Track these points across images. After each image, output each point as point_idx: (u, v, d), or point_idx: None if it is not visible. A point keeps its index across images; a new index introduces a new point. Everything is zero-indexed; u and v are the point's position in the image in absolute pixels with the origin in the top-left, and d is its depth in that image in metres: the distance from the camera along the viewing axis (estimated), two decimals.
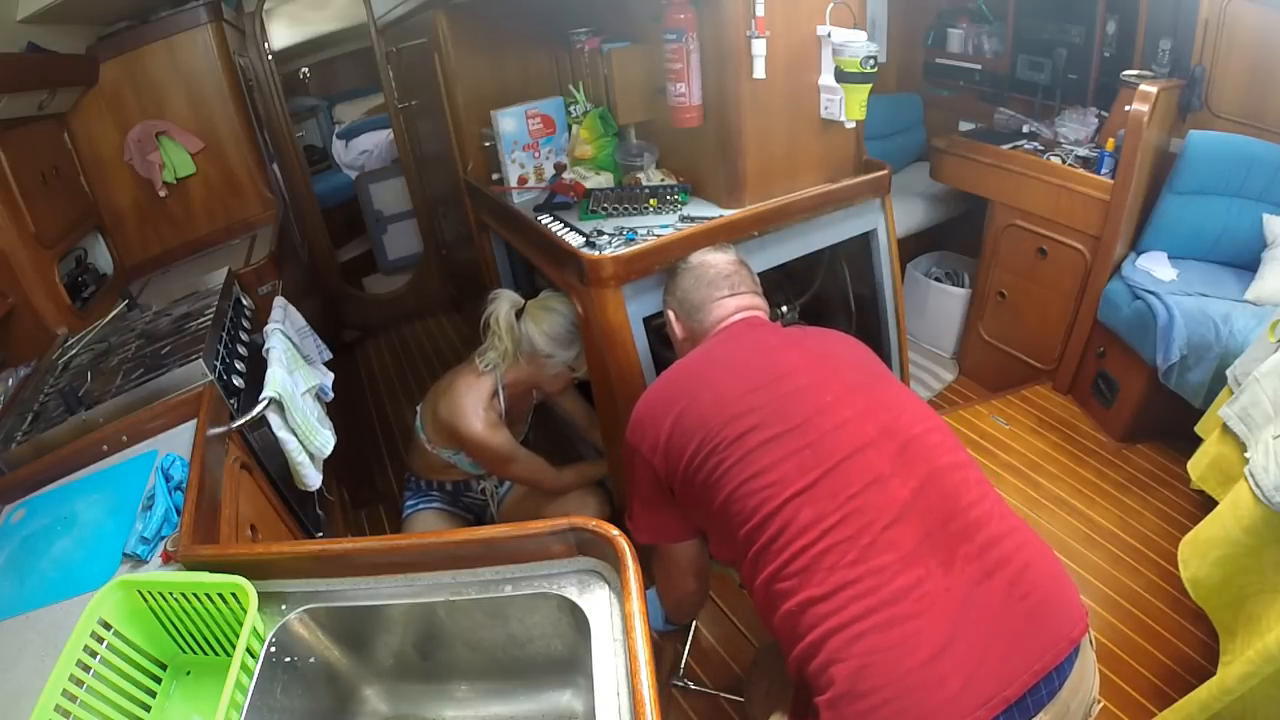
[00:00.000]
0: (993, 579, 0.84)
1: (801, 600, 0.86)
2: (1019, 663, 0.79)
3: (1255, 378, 1.36)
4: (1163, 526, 1.88)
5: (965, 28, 2.81)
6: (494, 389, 1.60)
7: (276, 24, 3.75)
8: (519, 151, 1.84)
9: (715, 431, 0.99)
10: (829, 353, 1.12)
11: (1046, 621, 0.83)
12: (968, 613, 0.81)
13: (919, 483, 0.91)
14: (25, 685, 0.85)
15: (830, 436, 0.95)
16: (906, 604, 0.81)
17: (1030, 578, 0.85)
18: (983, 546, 0.86)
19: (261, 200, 2.46)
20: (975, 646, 0.79)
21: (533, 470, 1.67)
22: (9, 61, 1.68)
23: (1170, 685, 1.48)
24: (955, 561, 0.85)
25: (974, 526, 0.88)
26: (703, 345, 1.21)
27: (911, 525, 0.87)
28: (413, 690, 0.98)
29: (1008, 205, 2.35)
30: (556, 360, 1.58)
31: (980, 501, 0.91)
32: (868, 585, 0.83)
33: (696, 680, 1.59)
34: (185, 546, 0.96)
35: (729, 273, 1.27)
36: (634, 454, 1.10)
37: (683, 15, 1.42)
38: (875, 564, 0.84)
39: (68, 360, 1.62)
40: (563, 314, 1.57)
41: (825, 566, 0.86)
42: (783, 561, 0.89)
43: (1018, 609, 0.82)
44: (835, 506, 0.89)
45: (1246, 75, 1.98)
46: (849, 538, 0.86)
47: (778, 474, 0.93)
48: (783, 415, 0.98)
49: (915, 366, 2.72)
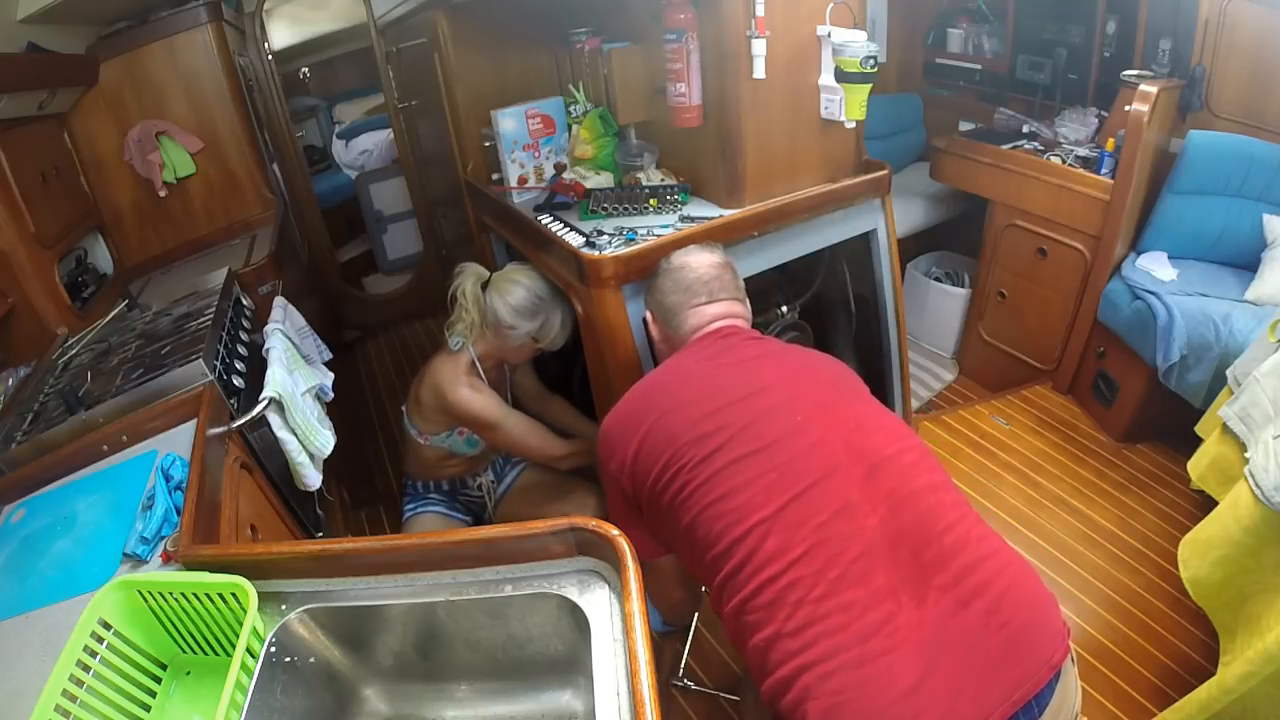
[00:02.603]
0: (968, 609, 0.82)
1: (769, 635, 0.84)
2: (997, 694, 0.77)
3: (1255, 378, 1.36)
4: (1163, 526, 1.88)
5: (965, 28, 2.81)
6: (470, 360, 1.63)
7: (276, 24, 3.75)
8: (519, 151, 1.84)
9: (682, 451, 0.97)
10: (804, 369, 1.10)
11: (1026, 649, 0.80)
12: (943, 645, 0.80)
13: (888, 509, 0.89)
14: (25, 685, 0.85)
15: (799, 460, 0.93)
16: (877, 640, 0.80)
17: (1009, 604, 0.83)
18: (958, 575, 0.84)
19: (261, 200, 2.45)
20: (951, 680, 0.77)
21: (529, 432, 1.66)
22: (9, 61, 1.68)
23: (1170, 685, 1.48)
24: (929, 593, 0.83)
25: (949, 553, 0.86)
26: (675, 356, 1.19)
27: (881, 556, 0.85)
28: (413, 690, 0.98)
29: (1008, 205, 2.35)
30: (520, 331, 1.59)
31: (956, 525, 0.89)
32: (837, 622, 0.81)
33: (696, 680, 1.59)
34: (185, 546, 0.96)
35: (709, 277, 1.23)
36: (604, 470, 1.09)
37: (683, 15, 1.42)
38: (844, 599, 0.82)
39: (68, 360, 1.62)
40: (526, 286, 1.58)
41: (791, 601, 0.84)
42: (749, 592, 0.87)
43: (995, 639, 0.80)
44: (802, 536, 0.87)
45: (1246, 75, 1.98)
46: (816, 571, 0.84)
47: (744, 497, 0.91)
48: (752, 435, 0.96)
49: (915, 366, 2.72)
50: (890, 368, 1.93)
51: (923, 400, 2.61)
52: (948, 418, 2.36)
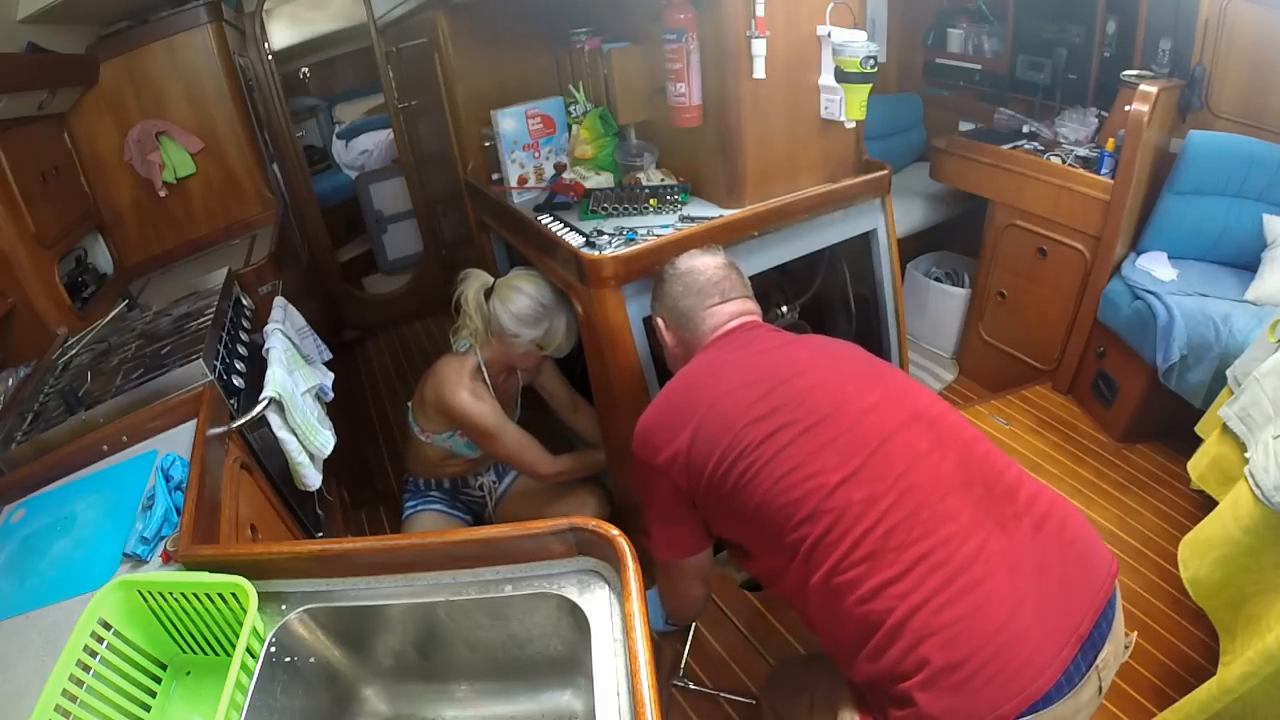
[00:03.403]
0: (1042, 531, 0.89)
1: (874, 585, 0.86)
2: (1082, 602, 0.85)
3: (1255, 378, 1.36)
4: (1163, 526, 1.87)
5: (965, 28, 2.81)
6: (476, 364, 1.63)
7: (276, 24, 3.75)
8: (519, 151, 1.84)
9: (742, 434, 0.98)
10: (835, 350, 1.13)
11: (1093, 563, 0.89)
12: (1029, 566, 0.86)
13: (957, 455, 0.95)
14: (25, 685, 0.85)
15: (861, 423, 0.96)
16: (978, 568, 0.85)
17: (1072, 527, 0.92)
18: (1026, 504, 0.91)
19: (261, 200, 2.45)
20: (1043, 595, 0.84)
21: (523, 447, 1.65)
22: (9, 61, 1.68)
23: (1170, 685, 1.48)
24: (1007, 521, 0.89)
25: (1014, 487, 0.93)
26: (702, 354, 1.18)
27: (961, 495, 0.90)
28: (413, 690, 0.98)
29: (1008, 205, 2.35)
30: (523, 339, 1.58)
31: (1010, 466, 0.97)
32: (939, 557, 0.85)
33: (696, 680, 1.59)
34: (185, 546, 0.96)
35: (718, 278, 1.23)
36: (650, 469, 1.07)
37: (683, 15, 1.42)
38: (941, 535, 0.87)
39: (68, 360, 1.62)
40: (528, 294, 1.57)
41: (894, 547, 0.87)
42: (844, 550, 0.89)
43: (1069, 554, 0.89)
44: (887, 486, 0.90)
45: (1246, 75, 1.98)
46: (909, 515, 0.88)
47: (817, 465, 0.93)
48: (809, 408, 0.98)
49: (915, 366, 2.72)
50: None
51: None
52: None
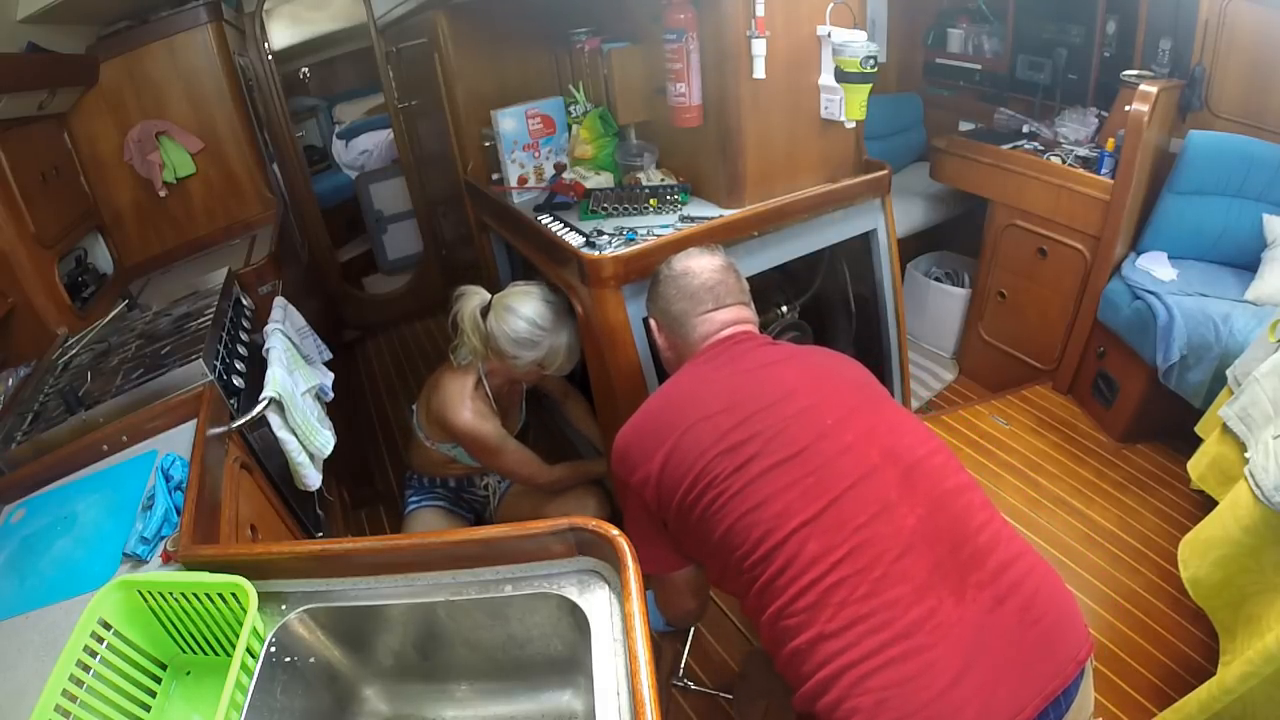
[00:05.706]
0: (1004, 605, 0.84)
1: (811, 637, 0.85)
2: (1032, 688, 0.80)
3: (1255, 378, 1.36)
4: (1163, 526, 1.87)
5: (965, 28, 2.81)
6: (478, 378, 1.61)
7: (276, 24, 3.75)
8: (519, 151, 1.84)
9: (714, 463, 0.96)
10: (827, 372, 1.08)
11: (1056, 645, 0.84)
12: (981, 640, 0.82)
13: (925, 509, 0.90)
14: (25, 685, 0.85)
15: (834, 463, 0.93)
16: (921, 636, 0.81)
17: (1040, 603, 0.86)
18: (993, 573, 0.86)
19: (261, 200, 2.45)
20: (989, 674, 0.80)
21: (523, 462, 1.65)
22: (9, 61, 1.68)
23: (1170, 685, 1.48)
24: (966, 589, 0.85)
25: (983, 552, 0.88)
26: (690, 365, 1.16)
27: (921, 554, 0.86)
28: (413, 690, 0.98)
29: (1008, 205, 2.35)
30: (523, 361, 1.55)
31: (987, 525, 0.91)
32: (881, 619, 0.82)
33: (696, 680, 1.59)
34: (185, 546, 0.96)
35: (713, 283, 1.19)
36: (624, 487, 1.06)
37: (683, 15, 1.42)
38: (888, 597, 0.83)
39: (68, 360, 1.62)
40: (525, 317, 1.52)
41: (835, 602, 0.84)
42: (790, 596, 0.87)
43: (1029, 634, 0.83)
44: (843, 538, 0.87)
45: (1246, 75, 1.98)
46: (859, 570, 0.85)
47: (781, 504, 0.91)
48: (784, 441, 0.95)
49: (915, 366, 2.72)
50: (890, 368, 1.93)
51: (923, 400, 2.61)
52: (947, 418, 2.35)
